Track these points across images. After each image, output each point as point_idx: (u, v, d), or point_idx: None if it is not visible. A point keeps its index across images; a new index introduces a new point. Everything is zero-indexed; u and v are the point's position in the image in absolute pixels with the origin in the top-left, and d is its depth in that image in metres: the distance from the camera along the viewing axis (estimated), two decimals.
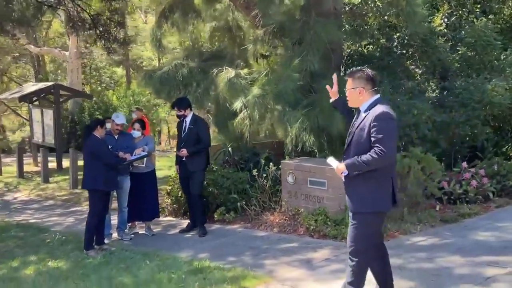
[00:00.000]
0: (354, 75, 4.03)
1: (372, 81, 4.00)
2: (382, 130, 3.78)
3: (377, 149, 3.76)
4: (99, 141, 6.65)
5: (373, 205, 3.91)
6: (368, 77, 3.99)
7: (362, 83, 3.98)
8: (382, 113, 3.83)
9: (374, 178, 3.88)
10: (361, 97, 3.98)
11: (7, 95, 17.38)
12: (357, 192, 3.96)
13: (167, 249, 6.62)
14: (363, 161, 3.81)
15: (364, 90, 3.96)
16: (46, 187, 12.66)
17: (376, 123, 3.80)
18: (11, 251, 7.04)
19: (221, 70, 8.09)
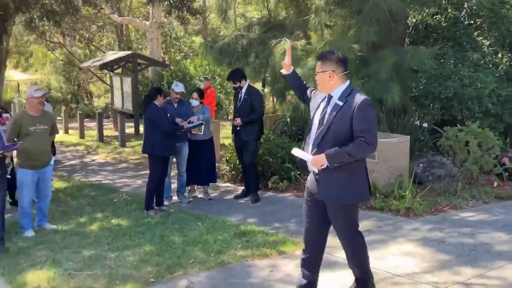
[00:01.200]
0: (323, 57, 3.78)
1: (344, 63, 3.74)
2: (367, 119, 3.61)
3: (363, 140, 3.58)
4: (158, 110, 7.06)
5: (353, 195, 3.80)
6: (339, 59, 3.72)
7: (333, 66, 3.70)
8: (365, 101, 3.63)
9: (356, 168, 3.75)
10: (331, 82, 3.71)
11: (90, 63, 18.46)
12: (340, 183, 3.74)
13: (219, 213, 7.00)
14: (347, 152, 3.60)
15: (335, 73, 3.69)
16: (122, 151, 13.50)
17: (360, 112, 3.58)
18: (81, 208, 7.71)
19: (279, 41, 8.20)
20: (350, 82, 3.77)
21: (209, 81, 11.84)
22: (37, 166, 6.40)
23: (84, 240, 6.03)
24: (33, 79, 29.71)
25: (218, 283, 4.65)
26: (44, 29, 16.08)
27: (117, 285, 4.65)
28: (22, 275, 4.96)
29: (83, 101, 24.62)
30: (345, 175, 3.73)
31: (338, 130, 3.67)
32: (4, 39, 11.31)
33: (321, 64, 3.76)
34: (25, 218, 6.41)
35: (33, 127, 6.32)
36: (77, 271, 4.99)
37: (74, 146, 14.80)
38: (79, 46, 26.89)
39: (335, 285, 4.46)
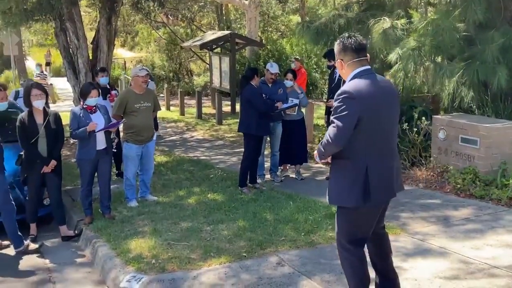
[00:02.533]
0: (336, 45, 3.53)
1: (352, 50, 3.40)
2: (335, 111, 3.31)
3: (326, 133, 3.34)
4: (254, 90, 7.20)
5: (337, 199, 3.49)
6: (345, 47, 3.42)
7: (341, 54, 3.46)
8: (342, 91, 3.32)
9: (341, 168, 3.44)
10: (343, 70, 3.48)
11: (190, 43, 19.07)
12: (330, 182, 3.55)
13: (311, 193, 7.05)
14: (320, 145, 3.41)
15: (343, 62, 3.44)
16: (219, 128, 13.93)
17: (335, 102, 3.32)
18: (180, 182, 8.10)
19: (378, 20, 7.99)
20: (361, 70, 3.39)
21: (299, 62, 11.82)
22: (141, 141, 6.81)
23: (182, 212, 6.37)
24: (138, 57, 31.28)
25: (307, 262, 4.73)
26: (149, 9, 16.80)
27: (212, 257, 4.89)
28: (126, 242, 5.36)
29: (184, 79, 25.54)
30: (335, 174, 3.51)
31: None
32: (113, 19, 11.98)
33: (335, 51, 3.56)
34: (129, 189, 6.88)
35: (138, 104, 6.72)
36: (175, 241, 5.31)
37: (175, 123, 15.48)
38: (181, 25, 27.85)
39: (426, 273, 4.37)
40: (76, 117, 6.05)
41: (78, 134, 6.02)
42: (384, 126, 3.40)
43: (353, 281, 3.58)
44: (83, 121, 6.04)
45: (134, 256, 4.99)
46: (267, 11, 26.56)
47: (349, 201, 3.40)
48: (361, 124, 3.28)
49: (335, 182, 3.49)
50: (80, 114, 6.07)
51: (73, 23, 11.42)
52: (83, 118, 6.05)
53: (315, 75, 20.35)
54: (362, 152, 3.35)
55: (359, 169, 3.36)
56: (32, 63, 31.22)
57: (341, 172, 3.45)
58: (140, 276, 4.59)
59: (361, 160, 3.35)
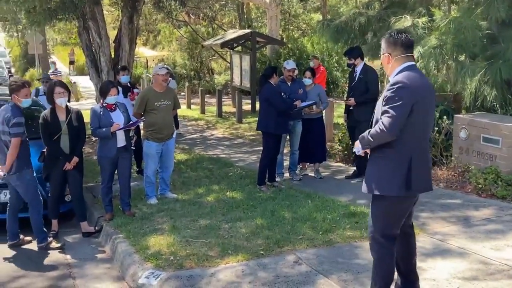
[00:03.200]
0: (383, 39, 3.62)
1: (402, 46, 3.50)
2: (389, 101, 3.37)
3: (380, 122, 3.39)
4: (273, 88, 7.20)
5: (378, 187, 3.51)
6: (396, 41, 3.51)
7: (389, 48, 3.54)
8: (395, 82, 3.40)
9: (384, 157, 3.49)
10: (389, 65, 3.55)
11: (211, 42, 19.13)
12: (369, 171, 3.60)
13: (330, 192, 7.03)
14: (369, 135, 3.46)
15: (391, 56, 3.53)
16: (239, 127, 13.97)
17: (387, 92, 3.39)
18: (200, 180, 8.15)
19: (399, 18, 7.93)
20: (409, 64, 3.50)
21: (318, 60, 11.79)
22: (161, 139, 6.87)
23: (201, 210, 6.41)
24: (160, 55, 31.52)
25: (325, 260, 4.73)
26: (171, 8, 16.90)
27: (230, 255, 4.92)
28: (145, 239, 5.42)
29: (205, 77, 25.66)
30: (375, 164, 3.55)
31: (378, 113, 3.53)
32: (135, 18, 12.11)
33: (382, 45, 3.65)
34: (149, 186, 6.95)
35: (158, 103, 6.79)
36: (193, 239, 5.36)
37: (195, 121, 15.56)
38: (203, 24, 27.98)
39: (445, 274, 4.33)
40: (96, 115, 6.15)
41: (101, 134, 6.12)
42: (426, 120, 3.54)
43: (380, 274, 3.63)
44: (103, 119, 6.13)
45: (152, 253, 5.05)
46: (288, 9, 26.50)
47: (391, 189, 3.47)
48: (411, 115, 3.37)
49: (376, 171, 3.54)
50: (100, 112, 6.17)
51: (96, 22, 11.57)
52: (103, 116, 6.14)
53: (336, 73, 20.26)
54: (407, 143, 3.43)
55: (403, 159, 3.44)
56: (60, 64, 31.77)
57: (383, 161, 3.50)
58: (158, 272, 4.65)
59: (406, 150, 3.44)
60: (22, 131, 5.54)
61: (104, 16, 12.16)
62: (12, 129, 5.44)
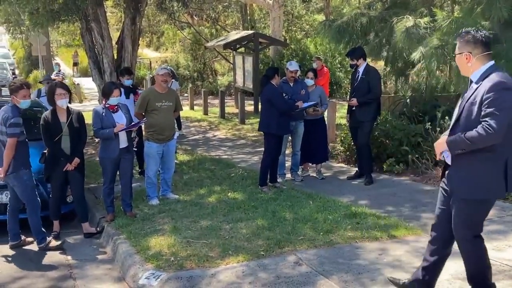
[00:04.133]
0: (460, 38, 3.55)
1: (483, 44, 3.46)
2: (493, 103, 3.29)
3: (484, 124, 3.29)
4: (275, 89, 7.20)
5: (476, 191, 3.48)
6: (476, 40, 3.45)
7: (469, 47, 3.47)
8: (496, 83, 3.32)
9: (480, 161, 3.43)
10: (469, 64, 3.48)
11: (214, 43, 19.16)
12: (463, 174, 3.51)
13: (331, 193, 7.02)
14: (467, 138, 3.34)
15: (471, 55, 3.46)
16: (242, 128, 13.97)
17: (488, 94, 3.31)
18: (202, 180, 8.15)
19: (401, 18, 7.91)
20: (493, 64, 3.48)
21: (321, 61, 11.80)
22: (162, 140, 6.88)
23: (202, 211, 6.41)
24: (164, 57, 31.60)
25: (325, 261, 4.72)
26: (174, 9, 16.95)
27: (230, 255, 4.91)
28: (145, 240, 5.43)
29: (208, 78, 25.69)
30: (471, 166, 3.47)
31: (469, 115, 3.44)
32: (138, 20, 12.13)
33: (458, 45, 3.57)
34: (151, 187, 6.95)
35: (159, 103, 6.79)
36: (194, 239, 5.35)
37: (198, 122, 15.58)
38: (206, 25, 28.02)
39: (446, 274, 4.31)
40: (99, 115, 6.16)
41: (104, 134, 6.14)
42: None
43: (480, 269, 3.70)
44: (105, 120, 6.15)
45: (153, 254, 5.05)
46: (291, 10, 26.53)
47: (495, 192, 3.52)
48: None
49: (473, 176, 3.47)
50: (103, 113, 6.18)
51: (98, 24, 11.60)
52: (105, 117, 6.16)
53: (339, 74, 20.25)
54: (505, 145, 3.41)
55: (501, 161, 3.44)
56: (64, 66, 31.86)
57: (480, 165, 3.45)
58: (159, 273, 4.65)
59: (504, 153, 3.44)
60: (19, 131, 5.54)
61: (106, 18, 12.21)
62: (9, 129, 5.45)
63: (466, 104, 3.50)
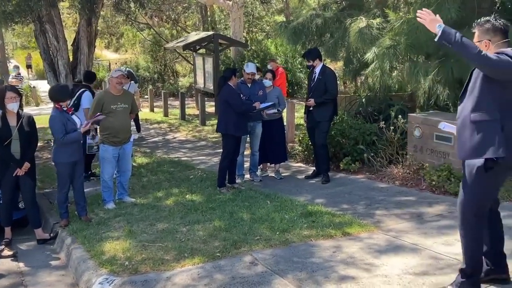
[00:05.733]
0: (479, 27, 3.64)
1: (502, 32, 3.56)
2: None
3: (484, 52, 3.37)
4: (231, 90, 7.20)
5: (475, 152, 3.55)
6: (495, 28, 3.56)
7: (489, 35, 3.57)
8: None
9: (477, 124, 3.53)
10: (489, 51, 3.52)
11: (173, 44, 19.03)
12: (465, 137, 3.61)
13: (289, 192, 7.08)
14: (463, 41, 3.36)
15: (491, 43, 3.56)
16: (202, 129, 13.92)
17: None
18: (160, 183, 8.08)
19: (355, 19, 8.04)
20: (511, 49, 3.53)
21: (276, 62, 11.92)
22: (118, 143, 6.79)
23: (159, 214, 6.36)
24: (123, 58, 31.16)
25: (281, 260, 4.75)
26: (130, 10, 16.74)
27: (186, 258, 4.89)
28: (100, 244, 5.34)
29: (169, 80, 25.48)
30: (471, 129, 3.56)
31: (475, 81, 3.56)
32: (93, 21, 11.96)
33: (477, 33, 3.64)
34: (106, 191, 6.85)
35: (114, 106, 6.71)
36: (150, 243, 5.31)
37: (158, 124, 15.44)
38: (166, 26, 27.79)
39: (397, 269, 4.41)
40: (62, 121, 6.00)
41: (73, 137, 6.03)
42: None
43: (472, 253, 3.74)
44: (69, 124, 6.05)
45: (107, 258, 4.98)
46: (251, 11, 26.58)
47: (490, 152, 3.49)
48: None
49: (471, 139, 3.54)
50: (63, 118, 6.05)
51: (53, 25, 11.38)
52: (68, 121, 6.06)
53: (300, 75, 20.41)
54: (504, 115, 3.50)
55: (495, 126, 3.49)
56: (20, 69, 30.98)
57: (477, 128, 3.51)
58: (113, 278, 4.58)
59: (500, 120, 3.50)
60: None
61: (61, 19, 11.97)
62: None
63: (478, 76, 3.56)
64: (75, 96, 8.10)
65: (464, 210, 3.74)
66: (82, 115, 7.44)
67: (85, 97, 8.16)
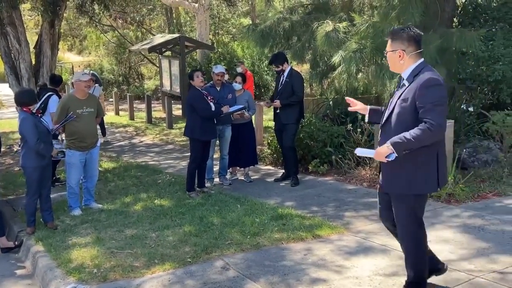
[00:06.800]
0: (393, 35, 3.58)
1: (415, 42, 3.51)
2: (429, 99, 3.36)
3: (427, 121, 3.34)
4: (197, 94, 7.11)
5: (411, 187, 3.53)
6: (410, 37, 3.50)
7: (403, 45, 3.51)
8: (429, 80, 3.40)
9: (418, 156, 3.48)
10: (401, 61, 3.53)
11: (139, 46, 18.82)
12: (399, 172, 3.56)
13: (259, 196, 7.08)
14: (413, 138, 3.35)
15: (405, 52, 3.51)
16: (169, 133, 13.80)
17: (423, 91, 3.38)
18: (127, 188, 7.97)
19: (322, 23, 8.11)
20: (423, 61, 3.55)
21: (244, 65, 11.93)
22: (85, 148, 6.66)
23: (127, 220, 6.26)
24: (86, 61, 30.62)
25: (252, 264, 4.74)
26: (94, 12, 16.48)
27: (156, 264, 4.82)
28: (67, 252, 5.22)
29: (134, 83, 25.19)
30: (407, 163, 3.51)
31: (401, 112, 3.51)
32: (56, 23, 11.70)
33: (391, 42, 3.59)
34: (72, 197, 6.70)
35: (80, 110, 6.58)
36: (118, 250, 5.22)
37: (124, 128, 15.23)
38: (131, 29, 27.46)
39: (367, 271, 4.47)
40: (36, 125, 5.85)
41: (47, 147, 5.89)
42: None
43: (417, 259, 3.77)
44: (41, 127, 5.93)
45: (75, 266, 4.87)
46: (217, 14, 26.55)
47: (426, 188, 3.58)
48: None
49: (408, 171, 3.52)
50: (35, 122, 5.89)
51: (14, 27, 11.08)
52: (40, 124, 5.94)
53: (267, 77, 20.48)
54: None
55: (433, 156, 3.52)
56: None
57: (413, 160, 3.49)
58: (81, 286, 4.49)
59: (435, 147, 3.51)
60: None
61: (23, 21, 11.66)
62: None
63: (397, 101, 3.55)
64: (41, 100, 7.93)
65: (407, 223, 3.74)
66: (49, 119, 7.26)
67: (52, 101, 8.00)
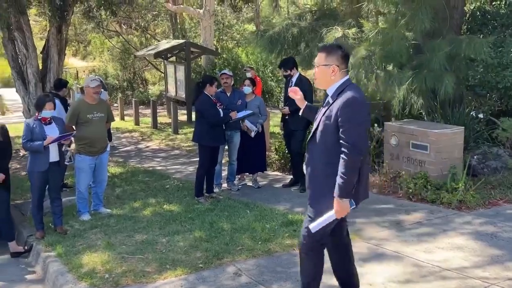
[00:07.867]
0: (329, 50, 3.55)
1: (346, 60, 3.56)
2: (349, 119, 3.35)
3: (343, 146, 3.33)
4: (206, 100, 7.09)
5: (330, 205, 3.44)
6: (345, 55, 3.53)
7: (338, 61, 3.49)
8: (350, 99, 3.37)
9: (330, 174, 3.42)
10: (333, 77, 3.49)
11: (144, 52, 18.86)
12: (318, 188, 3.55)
13: (268, 201, 7.06)
14: (343, 174, 3.31)
15: (338, 69, 3.49)
16: (175, 138, 13.80)
17: (344, 110, 3.35)
18: (135, 193, 7.96)
19: (330, 29, 8.12)
20: (348, 78, 3.55)
21: (254, 70, 11.93)
22: (94, 152, 6.66)
23: (137, 225, 6.25)
24: (91, 66, 30.69)
25: (265, 270, 4.73)
26: (101, 18, 16.53)
27: (168, 270, 4.81)
28: (78, 257, 5.22)
29: (138, 88, 25.22)
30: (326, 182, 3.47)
31: (324, 130, 3.48)
32: (64, 28, 11.73)
33: (325, 57, 3.52)
34: (82, 202, 6.70)
35: (91, 115, 6.58)
36: (129, 255, 5.21)
37: (129, 133, 15.24)
38: (135, 34, 27.54)
39: (380, 278, 4.45)
40: (29, 128, 5.90)
41: (33, 147, 5.87)
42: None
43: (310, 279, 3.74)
44: (36, 132, 5.91)
45: (87, 271, 4.86)
46: (222, 20, 26.58)
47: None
48: None
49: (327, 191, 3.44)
50: (34, 125, 5.92)
51: (22, 33, 11.12)
52: (36, 129, 5.92)
53: (271, 83, 20.48)
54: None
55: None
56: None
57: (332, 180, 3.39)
58: None
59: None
60: None
61: (30, 27, 11.69)
62: None
63: (322, 117, 3.52)
64: None
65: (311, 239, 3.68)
66: None
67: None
